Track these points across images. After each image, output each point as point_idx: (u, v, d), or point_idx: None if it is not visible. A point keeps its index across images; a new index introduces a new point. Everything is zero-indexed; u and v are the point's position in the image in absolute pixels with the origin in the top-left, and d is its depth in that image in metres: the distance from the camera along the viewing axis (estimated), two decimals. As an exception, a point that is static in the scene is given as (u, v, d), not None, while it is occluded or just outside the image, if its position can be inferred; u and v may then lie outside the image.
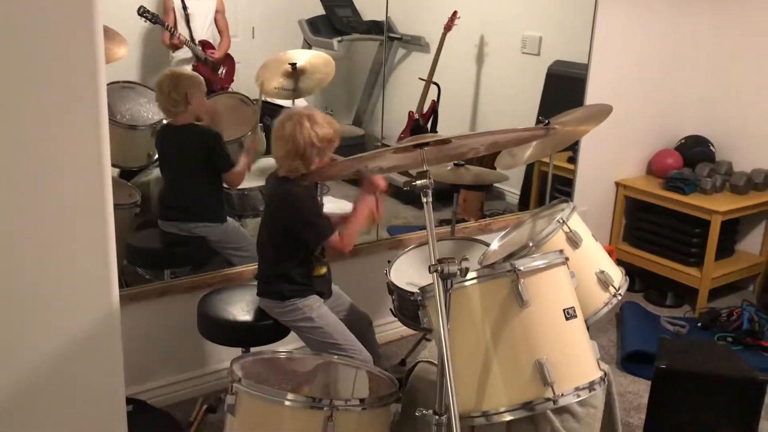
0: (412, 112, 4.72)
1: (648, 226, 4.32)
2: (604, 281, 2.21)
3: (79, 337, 1.72)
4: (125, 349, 1.86)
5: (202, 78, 3.02)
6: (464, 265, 1.54)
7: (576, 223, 2.24)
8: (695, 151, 4.38)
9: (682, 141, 4.48)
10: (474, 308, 1.73)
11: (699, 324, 3.85)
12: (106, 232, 1.69)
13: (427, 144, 1.65)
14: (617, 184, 4.39)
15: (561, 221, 2.20)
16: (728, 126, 4.41)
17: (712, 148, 4.40)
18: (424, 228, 4.28)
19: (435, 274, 1.53)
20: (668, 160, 4.37)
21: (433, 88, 4.69)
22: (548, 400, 1.67)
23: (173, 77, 2.92)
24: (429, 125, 4.78)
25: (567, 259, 1.84)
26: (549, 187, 3.12)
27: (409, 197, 4.23)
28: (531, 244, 2.17)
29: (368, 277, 3.43)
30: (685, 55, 4.40)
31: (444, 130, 4.65)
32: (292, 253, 2.52)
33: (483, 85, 4.74)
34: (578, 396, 1.70)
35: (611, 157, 4.32)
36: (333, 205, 3.80)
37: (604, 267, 2.24)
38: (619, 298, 2.22)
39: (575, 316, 1.77)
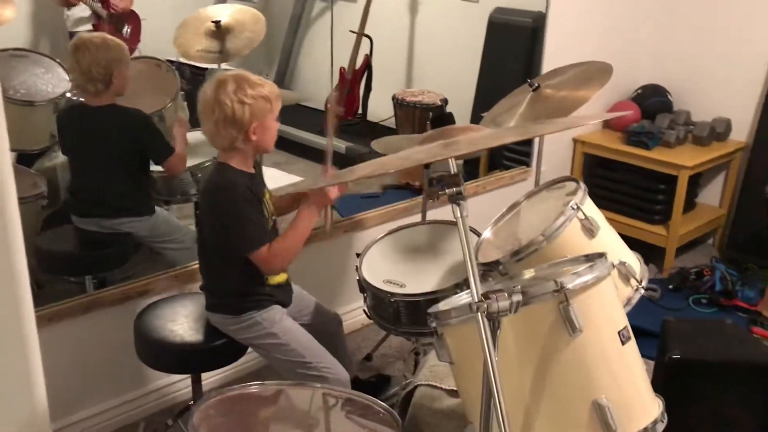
0: (343, 68, 4.35)
1: (608, 184, 4.07)
2: (625, 274, 1.90)
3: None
4: (45, 379, 1.44)
5: (127, 47, 2.51)
6: (515, 298, 1.18)
7: (590, 208, 1.91)
8: (653, 101, 4.14)
9: (639, 91, 4.22)
10: (508, 340, 1.36)
11: (670, 286, 3.66)
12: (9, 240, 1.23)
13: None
14: (575, 140, 4.11)
15: (575, 207, 1.85)
16: (684, 73, 4.18)
17: (669, 97, 4.17)
18: (372, 196, 3.94)
19: (480, 314, 1.16)
20: (626, 112, 4.11)
21: (365, 42, 4.33)
22: (612, 451, 1.34)
23: (95, 47, 2.41)
24: (363, 81, 4.44)
25: (613, 266, 1.50)
26: (539, 161, 2.78)
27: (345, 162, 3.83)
28: (542, 238, 1.82)
29: (324, 264, 3.06)
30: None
31: (379, 86, 4.33)
32: (235, 262, 2.08)
33: (418, 36, 4.45)
34: (644, 440, 1.38)
35: (567, 111, 4.02)
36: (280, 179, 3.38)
37: (624, 257, 1.93)
38: (642, 292, 1.92)
39: (630, 338, 1.44)
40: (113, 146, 2.49)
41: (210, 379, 2.69)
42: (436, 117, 3.55)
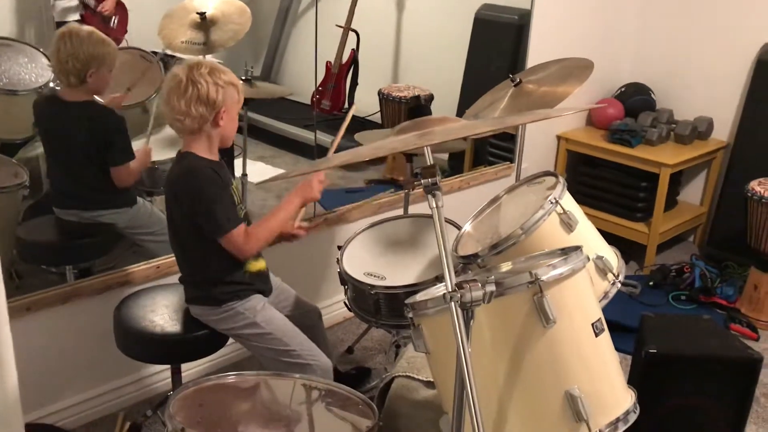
0: (330, 63, 4.34)
1: (591, 181, 4.10)
2: (602, 268, 1.92)
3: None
4: (23, 368, 1.43)
5: (115, 49, 2.48)
6: (489, 288, 1.19)
7: (569, 203, 1.93)
8: (636, 99, 4.17)
9: (622, 89, 4.25)
10: (483, 330, 1.38)
11: (650, 282, 3.69)
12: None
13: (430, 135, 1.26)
14: (559, 137, 4.14)
15: (554, 201, 1.87)
16: (667, 72, 4.21)
17: (653, 96, 4.20)
18: (357, 191, 3.94)
19: (453, 303, 1.17)
20: (609, 110, 4.14)
21: (351, 36, 4.33)
22: (582, 440, 1.36)
23: (78, 40, 2.37)
24: (349, 76, 4.44)
25: (588, 259, 1.52)
26: (520, 157, 2.79)
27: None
28: (521, 232, 1.84)
29: (306, 257, 3.06)
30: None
31: (365, 81, 4.33)
32: (212, 251, 2.07)
33: (405, 31, 4.44)
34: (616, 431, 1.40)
35: (551, 108, 4.04)
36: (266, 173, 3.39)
37: (601, 251, 1.95)
38: (619, 286, 1.94)
39: (603, 330, 1.46)
40: (84, 143, 2.46)
41: (190, 370, 2.69)
42: (413, 108, 3.56)
